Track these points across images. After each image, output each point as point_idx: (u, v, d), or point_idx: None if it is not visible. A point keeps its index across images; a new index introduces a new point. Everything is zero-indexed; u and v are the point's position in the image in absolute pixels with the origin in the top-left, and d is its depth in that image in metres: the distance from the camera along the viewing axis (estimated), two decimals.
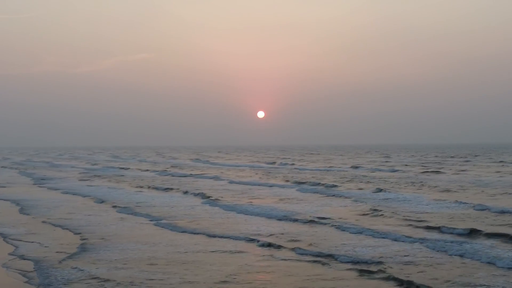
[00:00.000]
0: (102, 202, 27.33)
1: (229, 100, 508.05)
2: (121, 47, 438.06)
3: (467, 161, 74.87)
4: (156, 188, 35.22)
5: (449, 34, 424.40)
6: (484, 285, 11.03)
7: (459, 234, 16.68)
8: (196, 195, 30.15)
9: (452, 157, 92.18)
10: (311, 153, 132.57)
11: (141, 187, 36.63)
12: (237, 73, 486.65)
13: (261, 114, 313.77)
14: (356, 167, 60.35)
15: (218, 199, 27.52)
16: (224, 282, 11.55)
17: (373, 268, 12.50)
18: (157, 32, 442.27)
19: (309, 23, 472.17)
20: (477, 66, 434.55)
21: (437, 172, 49.00)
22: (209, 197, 28.60)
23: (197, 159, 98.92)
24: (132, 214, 22.95)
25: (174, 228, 18.91)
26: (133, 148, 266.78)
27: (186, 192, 31.74)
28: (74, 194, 32.04)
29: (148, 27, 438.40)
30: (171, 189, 34.27)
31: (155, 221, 20.53)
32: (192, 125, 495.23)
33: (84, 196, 30.37)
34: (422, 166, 62.12)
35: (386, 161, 77.57)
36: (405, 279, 11.45)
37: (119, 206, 25.27)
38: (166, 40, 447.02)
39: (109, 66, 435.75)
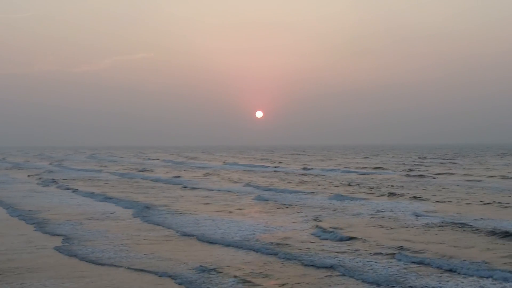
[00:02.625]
0: (20, 215, 23.33)
1: (228, 99, 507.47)
2: (119, 47, 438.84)
3: (453, 162, 71.68)
4: (95, 195, 31.30)
5: (442, 34, 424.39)
6: None
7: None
8: (135, 204, 26.21)
9: (433, 158, 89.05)
10: (298, 154, 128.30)
11: (86, 196, 32.66)
12: (236, 73, 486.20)
13: (259, 114, 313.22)
14: (332, 170, 56.96)
15: (157, 210, 23.73)
16: None
17: None
18: (155, 31, 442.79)
19: (307, 21, 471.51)
20: (470, 65, 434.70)
21: (421, 176, 45.51)
22: (147, 208, 24.72)
23: (170, 160, 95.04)
24: (47, 233, 19.02)
25: (82, 255, 15.12)
26: (130, 148, 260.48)
27: (121, 203, 27.44)
28: None
29: (147, 27, 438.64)
30: (109, 197, 30.26)
31: (66, 244, 16.72)
32: (190, 125, 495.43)
33: (6, 208, 26.29)
34: (403, 168, 58.82)
35: (367, 162, 74.35)
36: None
37: (38, 222, 21.37)
38: (164, 39, 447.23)
39: (108, 65, 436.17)
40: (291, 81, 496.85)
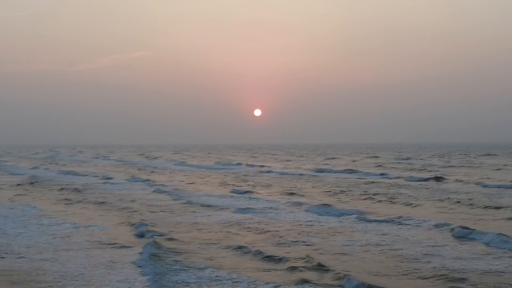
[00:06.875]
0: None
1: (226, 98, 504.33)
2: (118, 45, 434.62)
3: (429, 164, 64.19)
4: None
5: (438, 33, 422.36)
6: None
7: None
8: None
9: (407, 158, 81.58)
10: (274, 154, 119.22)
11: None
12: (235, 71, 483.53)
13: (257, 112, 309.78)
14: (285, 173, 49.55)
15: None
16: None
17: None
18: (154, 30, 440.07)
19: (304, 21, 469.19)
20: (466, 65, 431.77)
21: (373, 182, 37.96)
22: None
23: (121, 159, 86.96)
24: None
25: None
26: (128, 147, 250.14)
27: None
28: None
29: (145, 25, 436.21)
30: None
31: None
32: (189, 123, 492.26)
33: None
34: (375, 169, 51.26)
35: (336, 163, 66.84)
36: None
37: None
38: (163, 38, 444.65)
39: (106, 64, 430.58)
40: (290, 80, 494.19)
